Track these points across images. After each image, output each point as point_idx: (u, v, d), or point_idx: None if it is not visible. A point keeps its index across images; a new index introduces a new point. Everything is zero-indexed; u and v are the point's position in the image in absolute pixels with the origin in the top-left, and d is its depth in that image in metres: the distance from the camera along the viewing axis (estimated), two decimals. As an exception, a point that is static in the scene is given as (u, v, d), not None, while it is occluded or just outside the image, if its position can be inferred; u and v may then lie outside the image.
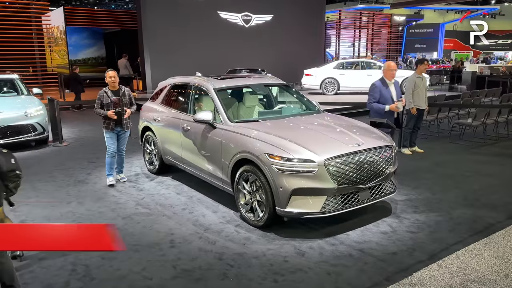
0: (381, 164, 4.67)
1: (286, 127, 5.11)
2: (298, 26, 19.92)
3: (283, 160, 4.30)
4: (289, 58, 19.14)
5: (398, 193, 5.67)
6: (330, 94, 16.50)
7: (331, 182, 4.30)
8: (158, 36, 16.73)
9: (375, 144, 4.72)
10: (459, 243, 4.30)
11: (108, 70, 6.19)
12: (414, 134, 8.14)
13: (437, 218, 4.94)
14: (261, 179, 4.47)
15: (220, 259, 4.03)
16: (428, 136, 9.67)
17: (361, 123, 5.57)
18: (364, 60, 17.61)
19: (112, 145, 6.19)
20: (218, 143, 5.15)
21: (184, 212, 5.22)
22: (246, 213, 4.81)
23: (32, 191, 6.12)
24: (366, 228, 4.66)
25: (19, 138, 8.57)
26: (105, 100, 6.06)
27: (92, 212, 5.29)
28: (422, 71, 7.91)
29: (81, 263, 3.98)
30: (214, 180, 5.41)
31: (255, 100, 6.33)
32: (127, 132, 6.34)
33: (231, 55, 17.73)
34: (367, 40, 29.01)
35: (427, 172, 6.85)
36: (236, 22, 18.45)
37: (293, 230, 4.63)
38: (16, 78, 10.01)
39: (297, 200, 4.31)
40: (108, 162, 6.25)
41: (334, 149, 4.44)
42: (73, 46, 24.37)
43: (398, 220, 4.87)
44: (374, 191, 4.68)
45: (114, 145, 6.20)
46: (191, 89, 6.12)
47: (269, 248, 4.23)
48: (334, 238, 4.43)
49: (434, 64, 29.26)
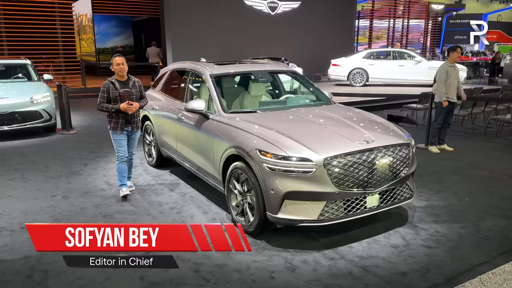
0: (395, 165, 3.97)
1: (286, 120, 4.48)
2: (327, 14, 18.93)
3: (276, 158, 3.68)
4: (317, 47, 18.25)
5: (417, 198, 4.95)
6: (358, 85, 15.60)
7: (331, 185, 3.65)
8: (181, 23, 16.24)
9: (388, 142, 4.03)
10: (485, 263, 3.57)
11: (114, 55, 4.98)
12: (443, 131, 7.30)
13: (461, 230, 4.19)
14: (251, 179, 3.87)
15: (197, 271, 3.47)
16: (461, 133, 8.75)
17: (378, 117, 4.86)
18: (396, 50, 16.54)
19: (122, 148, 5.07)
20: (210, 136, 4.58)
21: (171, 212, 4.69)
22: (237, 216, 4.23)
23: (21, 182, 5.76)
24: (374, 240, 3.98)
25: (24, 125, 8.29)
26: (112, 93, 4.89)
27: (74, 207, 4.85)
28: (454, 60, 7.05)
29: (41, 268, 3.52)
30: (206, 177, 4.87)
31: (261, 89, 5.70)
32: (138, 132, 5.25)
33: (256, 44, 17.04)
34: (402, 30, 27.55)
35: (455, 173, 6.04)
36: (262, 9, 17.71)
37: (288, 238, 4.01)
38: (28, 64, 9.76)
39: (291, 205, 3.68)
40: (120, 169, 5.09)
41: (337, 147, 3.78)
42: (102, 34, 24.40)
43: (413, 231, 4.16)
44: (385, 196, 4.00)
45: (125, 149, 5.09)
46: (188, 75, 5.56)
47: (255, 259, 3.64)
48: (334, 250, 3.78)
49: (475, 56, 27.61)
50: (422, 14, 28.81)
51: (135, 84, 5.08)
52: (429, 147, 7.27)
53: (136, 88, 5.07)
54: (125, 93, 4.94)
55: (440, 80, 6.99)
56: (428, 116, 7.55)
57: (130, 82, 5.05)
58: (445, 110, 7.04)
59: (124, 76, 4.98)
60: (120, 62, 4.89)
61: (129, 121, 5.03)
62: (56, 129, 9.11)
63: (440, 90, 6.93)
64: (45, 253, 3.75)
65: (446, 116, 7.13)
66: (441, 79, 6.97)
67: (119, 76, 4.96)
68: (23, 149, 7.64)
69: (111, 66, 4.96)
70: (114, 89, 4.92)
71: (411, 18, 28.16)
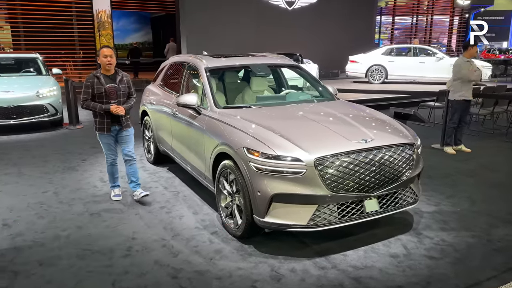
0: (397, 166, 3.63)
1: (281, 116, 4.18)
2: (347, 9, 18.39)
3: (263, 157, 3.39)
4: (335, 44, 17.76)
5: (425, 203, 4.59)
6: (376, 82, 15.12)
7: (323, 188, 3.33)
8: (196, 20, 16.05)
9: (389, 141, 3.68)
10: (494, 278, 3.20)
11: (102, 47, 4.47)
12: (459, 130, 6.85)
13: (470, 239, 3.81)
14: (239, 179, 3.59)
15: (175, 277, 3.22)
16: (481, 133, 8.25)
17: (382, 114, 4.50)
18: (417, 46, 15.93)
19: (111, 151, 4.63)
20: (202, 132, 4.32)
21: (160, 212, 4.46)
22: (226, 218, 3.96)
23: (15, 177, 5.64)
24: (372, 248, 3.65)
25: (29, 119, 8.23)
26: (97, 89, 4.36)
27: (62, 205, 4.67)
28: (471, 55, 6.59)
29: (11, 269, 3.33)
30: (198, 175, 4.62)
31: (263, 84, 5.41)
32: (130, 130, 4.66)
33: (272, 40, 16.69)
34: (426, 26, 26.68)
35: (470, 176, 5.62)
36: (279, 5, 17.35)
37: (279, 243, 3.72)
38: (38, 58, 9.72)
39: (279, 208, 3.39)
40: (110, 171, 4.74)
41: (331, 146, 3.46)
42: (121, 30, 24.50)
43: (417, 239, 3.80)
44: (385, 201, 3.66)
45: (113, 151, 4.65)
46: (185, 68, 5.32)
47: (240, 266, 3.36)
48: (327, 258, 3.47)
49: (503, 54, 26.55)
50: (447, 10, 27.85)
51: (123, 79, 4.54)
52: (444, 148, 6.84)
53: (124, 84, 4.54)
54: (111, 89, 4.41)
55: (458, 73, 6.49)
56: (445, 115, 7.11)
57: (118, 77, 4.51)
58: (460, 109, 6.59)
59: (111, 70, 4.46)
60: (108, 54, 4.36)
61: (116, 119, 4.50)
62: (63, 123, 9.05)
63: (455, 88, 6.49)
64: (22, 252, 3.59)
65: (462, 114, 6.68)
66: (459, 72, 6.46)
67: (106, 70, 4.43)
68: (27, 143, 7.56)
69: (98, 58, 4.44)
70: (99, 84, 4.39)
71: (435, 15, 27.26)
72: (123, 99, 4.54)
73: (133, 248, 3.65)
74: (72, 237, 3.88)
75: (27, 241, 3.81)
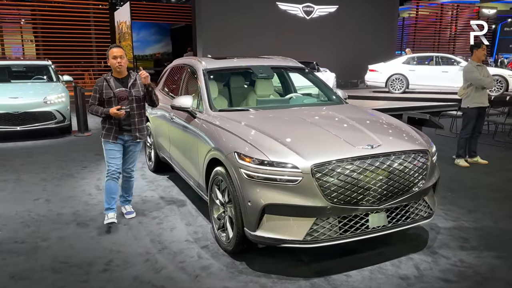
0: (408, 176, 3.21)
1: (280, 120, 3.83)
2: (367, 18, 17.98)
3: (255, 163, 3.04)
4: (354, 53, 17.34)
5: (443, 218, 4.14)
6: (397, 92, 14.58)
7: (321, 199, 2.95)
8: (212, 31, 15.95)
9: (399, 147, 3.28)
10: (521, 308, 2.74)
11: (111, 46, 3.93)
12: (473, 141, 6.28)
13: (494, 260, 3.35)
14: (230, 187, 3.25)
15: (153, 296, 2.88)
16: (507, 144, 7.67)
17: (395, 119, 4.09)
18: (439, 55, 15.33)
19: (115, 161, 4.00)
20: (196, 137, 4.01)
21: (151, 222, 4.14)
22: (218, 230, 3.61)
23: (12, 183, 5.44)
24: (379, 268, 3.22)
25: (36, 125, 8.11)
26: (105, 94, 3.88)
27: (51, 213, 4.41)
28: (480, 58, 6.02)
29: (-20, 283, 3.06)
30: (193, 183, 4.30)
31: (269, 88, 5.06)
32: (139, 144, 4.15)
33: (289, 49, 16.32)
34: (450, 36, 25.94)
35: (494, 190, 5.11)
36: (296, 14, 17.10)
37: (274, 260, 3.34)
38: (49, 65, 9.67)
39: (272, 220, 3.02)
40: (108, 187, 4.01)
41: (331, 152, 3.08)
42: (141, 41, 24.71)
43: (431, 259, 3.36)
44: (394, 215, 3.24)
45: (117, 161, 4.02)
46: (185, 71, 5.04)
47: (227, 286, 2.99)
48: (326, 279, 3.07)
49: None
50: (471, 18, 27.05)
51: (136, 83, 3.98)
52: (456, 160, 6.27)
53: (138, 88, 3.97)
54: (121, 94, 3.89)
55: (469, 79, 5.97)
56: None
57: (130, 80, 3.97)
58: (474, 117, 6.05)
59: (122, 72, 3.93)
60: (117, 54, 3.84)
61: (124, 128, 3.98)
62: (72, 131, 8.91)
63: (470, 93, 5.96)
64: (-5, 264, 3.32)
65: (476, 124, 6.12)
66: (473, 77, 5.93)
67: (117, 72, 3.93)
68: (32, 150, 7.42)
69: (107, 60, 3.94)
70: (108, 88, 3.88)
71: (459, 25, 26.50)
72: (136, 104, 3.98)
73: (113, 263, 3.34)
74: (52, 248, 3.60)
75: (3, 252, 3.54)
